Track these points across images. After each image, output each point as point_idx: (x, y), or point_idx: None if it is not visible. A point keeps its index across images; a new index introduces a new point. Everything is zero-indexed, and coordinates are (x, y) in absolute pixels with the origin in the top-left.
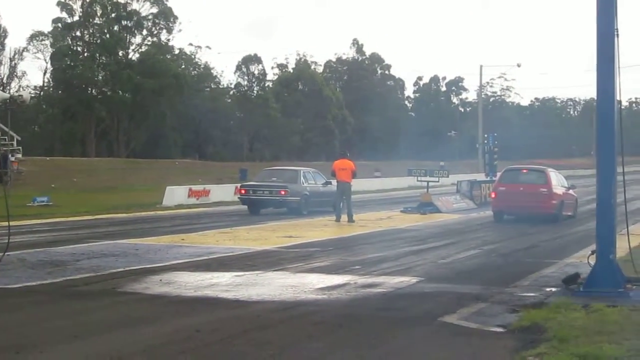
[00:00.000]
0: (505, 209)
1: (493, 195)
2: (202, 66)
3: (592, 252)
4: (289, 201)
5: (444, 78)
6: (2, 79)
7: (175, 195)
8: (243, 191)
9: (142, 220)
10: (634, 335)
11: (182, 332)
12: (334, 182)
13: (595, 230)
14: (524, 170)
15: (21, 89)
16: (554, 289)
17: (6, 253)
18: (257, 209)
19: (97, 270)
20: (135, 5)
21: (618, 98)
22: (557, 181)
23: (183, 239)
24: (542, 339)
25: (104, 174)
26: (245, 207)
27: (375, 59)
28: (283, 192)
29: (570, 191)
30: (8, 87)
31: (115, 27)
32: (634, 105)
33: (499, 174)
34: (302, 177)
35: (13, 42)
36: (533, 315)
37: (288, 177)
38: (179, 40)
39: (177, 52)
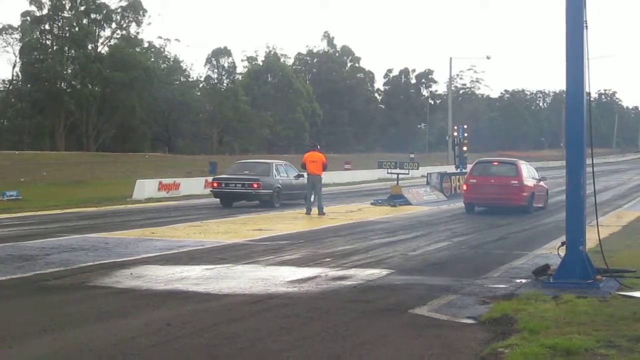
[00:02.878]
0: (476, 201)
1: (465, 188)
2: (171, 59)
3: (562, 244)
4: (262, 194)
5: (414, 70)
6: None
7: (145, 188)
8: (215, 184)
9: (112, 213)
10: (603, 326)
11: (152, 325)
12: (306, 174)
13: (565, 222)
14: (495, 163)
15: None
16: (524, 281)
17: None
18: (229, 201)
19: (67, 265)
20: None
21: (587, 90)
22: (528, 173)
23: (153, 233)
24: (512, 330)
25: (73, 167)
26: (217, 200)
27: (346, 51)
28: (256, 185)
29: (541, 183)
30: None
31: (85, 21)
32: (603, 97)
33: (470, 166)
34: (274, 170)
35: None
36: (503, 306)
37: (260, 170)
38: (148, 33)
39: (146, 45)
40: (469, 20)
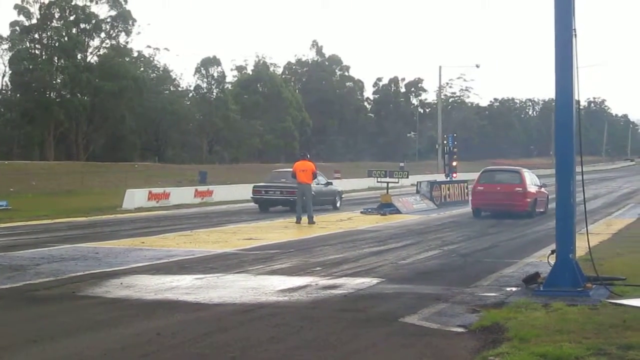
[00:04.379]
0: (483, 207)
1: (472, 194)
2: (161, 68)
3: (552, 252)
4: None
5: (403, 79)
6: None
7: (135, 198)
8: (256, 191)
9: (102, 223)
10: (594, 334)
11: (142, 335)
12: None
13: (554, 230)
14: (500, 171)
15: None
16: (514, 289)
17: None
18: (267, 207)
19: (57, 274)
20: (93, 8)
21: (576, 98)
22: (531, 180)
23: (143, 242)
24: (502, 339)
25: (63, 177)
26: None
27: (335, 60)
28: (294, 192)
29: (542, 189)
30: None
31: (74, 30)
32: (592, 105)
33: (477, 175)
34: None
35: None
36: (494, 315)
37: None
38: (137, 42)
39: (135, 54)
40: (458, 29)
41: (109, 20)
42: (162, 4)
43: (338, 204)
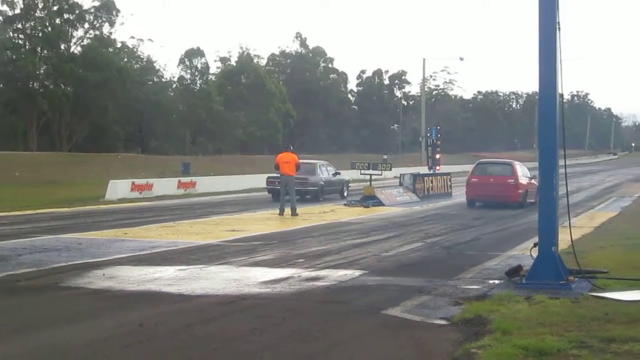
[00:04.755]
0: (477, 198)
1: (467, 186)
2: (144, 59)
3: (535, 245)
4: (310, 190)
5: (387, 71)
6: None
7: (118, 189)
8: (270, 182)
9: (85, 214)
10: (576, 327)
11: (125, 326)
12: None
13: (537, 223)
14: (494, 164)
15: None
16: (496, 281)
17: None
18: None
19: (39, 265)
20: None
21: (560, 91)
22: (522, 173)
23: (126, 233)
24: (485, 331)
25: (46, 168)
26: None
27: (319, 52)
28: (304, 182)
29: (532, 181)
30: None
31: (57, 20)
32: (576, 98)
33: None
34: (318, 169)
35: None
36: (476, 307)
37: (307, 169)
38: (121, 33)
39: (119, 45)
40: (442, 21)
41: (92, 10)
42: None
43: (345, 193)
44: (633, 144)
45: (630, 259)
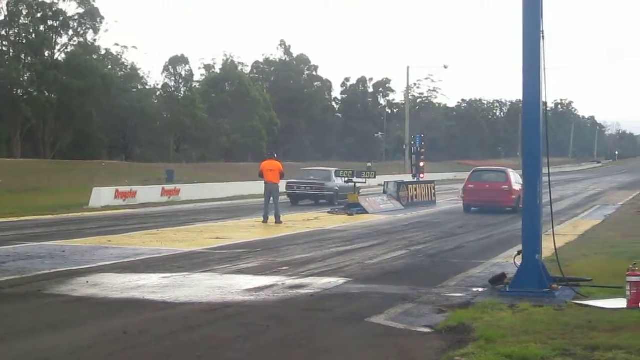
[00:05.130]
0: (473, 203)
1: (464, 192)
2: (128, 67)
3: (519, 253)
4: (326, 195)
5: (371, 79)
6: None
7: (102, 196)
8: (289, 186)
9: (69, 221)
10: (559, 334)
11: (108, 334)
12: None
13: (521, 231)
14: (489, 171)
15: None
16: (480, 289)
17: None
18: (297, 200)
19: (22, 273)
20: (61, 5)
21: (544, 100)
22: (515, 179)
23: (110, 241)
24: (469, 339)
25: (29, 175)
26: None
27: (302, 60)
28: (321, 187)
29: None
30: None
31: (42, 27)
32: (559, 107)
33: (468, 174)
34: (333, 176)
35: None
36: (460, 315)
37: (323, 176)
38: (105, 40)
39: (103, 52)
40: (426, 29)
41: (76, 17)
42: (131, 2)
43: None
44: (617, 152)
45: (613, 267)
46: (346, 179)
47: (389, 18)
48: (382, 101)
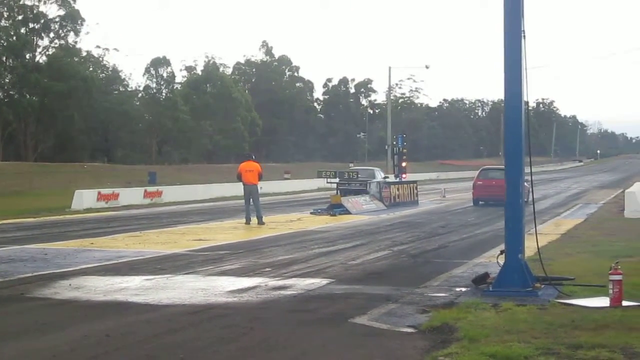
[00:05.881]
0: (482, 198)
1: (473, 187)
2: (110, 69)
3: (501, 252)
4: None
5: (353, 80)
6: None
7: (84, 199)
8: (340, 183)
9: (51, 224)
10: (543, 334)
11: (92, 337)
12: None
13: (503, 230)
14: (494, 169)
15: None
16: (463, 289)
17: None
18: (348, 194)
19: (4, 276)
20: (42, 8)
21: (525, 99)
22: None
23: (92, 243)
24: (452, 339)
25: (11, 178)
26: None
27: (284, 61)
28: (365, 183)
29: (525, 184)
30: None
31: (23, 30)
32: (541, 106)
33: (477, 172)
34: (376, 173)
35: None
36: (443, 315)
37: (369, 173)
38: (86, 42)
39: (84, 54)
40: (408, 29)
41: (57, 19)
42: (112, 3)
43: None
44: (598, 151)
45: (596, 265)
46: (384, 176)
47: (370, 18)
48: (364, 101)
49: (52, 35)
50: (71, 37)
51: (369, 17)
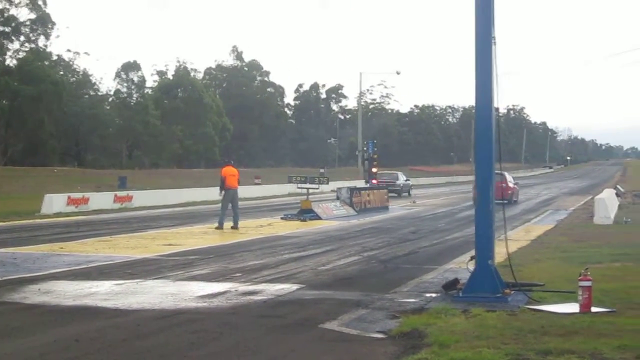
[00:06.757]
0: None
1: (473, 189)
2: (80, 73)
3: (471, 258)
4: (395, 189)
5: (324, 85)
6: None
7: (54, 203)
8: (375, 181)
9: (20, 228)
10: (512, 339)
11: (61, 341)
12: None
13: (474, 236)
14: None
15: None
16: (433, 295)
17: None
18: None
19: None
20: (13, 11)
21: (496, 105)
22: (510, 179)
23: (62, 248)
24: (422, 345)
25: None
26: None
27: (255, 66)
28: (393, 184)
29: (515, 185)
30: None
31: None
32: (511, 112)
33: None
34: (399, 176)
35: None
36: (413, 320)
37: (393, 177)
38: (57, 46)
39: (55, 58)
40: (379, 35)
41: (28, 23)
42: (82, 7)
43: (411, 193)
44: (568, 158)
45: (566, 271)
46: (405, 178)
47: (341, 24)
48: (335, 107)
49: (22, 38)
50: (42, 41)
51: (340, 22)
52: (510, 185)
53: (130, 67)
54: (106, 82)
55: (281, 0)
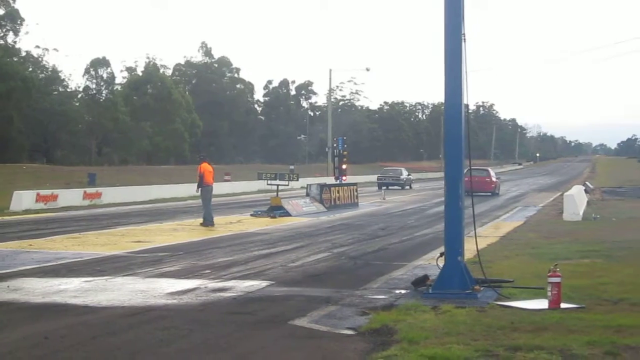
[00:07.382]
0: (466, 190)
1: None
2: (49, 69)
3: (441, 254)
4: (400, 183)
5: (294, 82)
6: None
7: (23, 200)
8: (380, 178)
9: None
10: (482, 336)
11: (30, 339)
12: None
13: (443, 233)
14: (477, 169)
15: None
16: (403, 291)
17: None
18: (382, 187)
19: None
20: None
21: (465, 102)
22: (493, 174)
23: (31, 245)
24: (392, 341)
25: None
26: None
27: (224, 62)
28: (397, 178)
29: (497, 179)
30: None
31: None
32: (481, 109)
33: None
34: (402, 172)
35: None
36: (383, 317)
37: (397, 172)
38: (26, 42)
39: (24, 54)
40: (349, 32)
41: None
42: (52, 3)
43: (411, 187)
44: (538, 154)
45: (535, 268)
46: (407, 174)
47: (311, 20)
48: (304, 103)
49: None
50: (10, 37)
51: (309, 19)
52: (494, 179)
53: (100, 63)
54: (75, 79)
55: None
